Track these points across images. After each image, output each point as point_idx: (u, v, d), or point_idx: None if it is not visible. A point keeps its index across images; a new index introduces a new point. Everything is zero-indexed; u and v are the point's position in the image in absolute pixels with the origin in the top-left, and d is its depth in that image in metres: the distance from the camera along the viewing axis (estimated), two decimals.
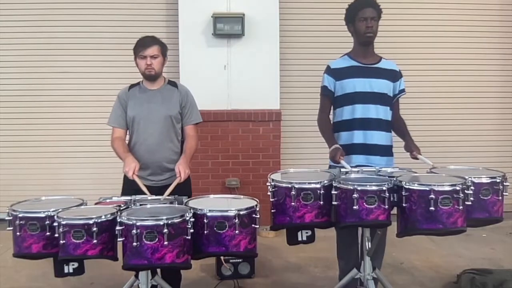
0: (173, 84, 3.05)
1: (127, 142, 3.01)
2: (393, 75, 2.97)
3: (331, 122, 3.02)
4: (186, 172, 2.78)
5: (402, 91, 3.02)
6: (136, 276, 2.46)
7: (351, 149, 2.85)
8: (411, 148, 2.85)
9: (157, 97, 2.96)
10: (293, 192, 2.35)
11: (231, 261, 3.56)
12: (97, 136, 4.96)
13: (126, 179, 2.91)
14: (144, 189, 2.67)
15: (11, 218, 2.30)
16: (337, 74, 2.92)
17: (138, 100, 2.95)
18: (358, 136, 2.88)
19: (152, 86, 2.98)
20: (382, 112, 2.91)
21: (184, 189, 2.77)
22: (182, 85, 3.10)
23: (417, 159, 2.81)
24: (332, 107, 3.02)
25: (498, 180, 2.47)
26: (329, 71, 2.95)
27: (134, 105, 2.95)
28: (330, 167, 2.95)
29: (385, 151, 2.92)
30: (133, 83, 3.05)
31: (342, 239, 2.99)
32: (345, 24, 2.96)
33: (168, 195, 2.60)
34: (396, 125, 3.02)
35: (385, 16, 3.03)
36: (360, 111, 2.88)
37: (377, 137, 2.88)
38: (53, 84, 5.17)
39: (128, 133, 3.01)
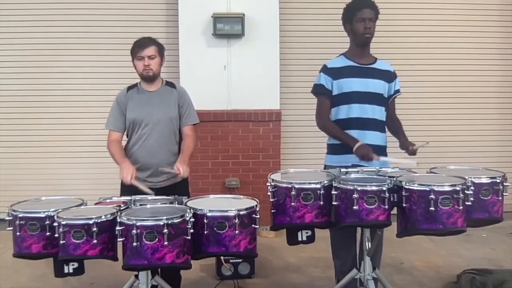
0: (171, 85, 3.04)
1: (124, 143, 3.00)
2: (388, 76, 2.97)
3: None
4: (185, 168, 2.76)
5: (397, 91, 3.02)
6: (136, 276, 2.46)
7: (346, 149, 2.84)
8: (407, 145, 2.85)
9: (156, 98, 2.95)
10: (293, 192, 2.35)
11: (231, 261, 3.56)
12: (97, 136, 4.93)
13: (123, 182, 2.91)
14: (146, 190, 2.66)
15: (11, 218, 2.30)
16: (334, 73, 2.91)
17: (137, 102, 2.94)
18: (354, 136, 2.86)
19: (150, 88, 2.97)
20: (378, 112, 2.91)
21: (182, 190, 2.77)
22: (179, 86, 3.09)
23: (415, 153, 2.79)
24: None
25: (498, 180, 2.47)
26: (326, 70, 2.94)
27: (133, 107, 2.93)
28: (326, 167, 2.95)
29: (380, 151, 2.90)
30: (130, 85, 3.03)
31: (338, 239, 2.99)
32: (342, 24, 2.96)
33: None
34: (391, 125, 3.03)
35: (384, 16, 3.03)
36: (357, 110, 2.88)
37: (372, 137, 2.88)
38: (53, 85, 5.16)
39: (127, 135, 3.00)
